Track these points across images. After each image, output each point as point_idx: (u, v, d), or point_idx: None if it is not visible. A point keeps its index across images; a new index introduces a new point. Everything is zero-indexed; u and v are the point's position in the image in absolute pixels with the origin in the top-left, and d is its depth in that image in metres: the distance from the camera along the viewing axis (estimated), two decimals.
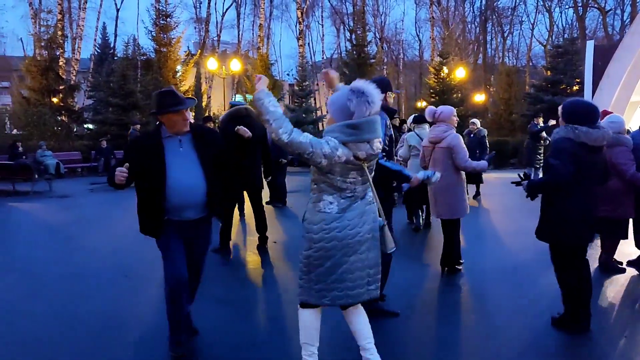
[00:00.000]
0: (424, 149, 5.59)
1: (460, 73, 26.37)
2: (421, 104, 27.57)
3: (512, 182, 4.18)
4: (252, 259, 6.36)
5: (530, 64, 41.73)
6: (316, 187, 2.95)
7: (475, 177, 10.88)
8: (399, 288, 4.85)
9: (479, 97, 29.24)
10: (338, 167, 2.81)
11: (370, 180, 2.97)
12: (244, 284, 5.37)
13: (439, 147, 5.26)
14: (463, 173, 5.32)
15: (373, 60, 28.08)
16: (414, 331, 3.98)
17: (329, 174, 2.84)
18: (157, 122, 3.47)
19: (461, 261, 5.62)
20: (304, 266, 2.98)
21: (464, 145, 5.23)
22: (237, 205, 8.43)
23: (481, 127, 11.43)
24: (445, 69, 25.89)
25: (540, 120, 13.00)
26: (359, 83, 2.82)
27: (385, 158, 3.83)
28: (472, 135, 11.29)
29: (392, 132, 4.12)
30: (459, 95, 26.10)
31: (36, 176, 13.44)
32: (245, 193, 7.67)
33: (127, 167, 3.16)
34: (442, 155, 5.22)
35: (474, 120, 11.73)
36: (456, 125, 5.40)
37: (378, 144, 2.90)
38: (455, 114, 5.43)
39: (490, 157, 5.83)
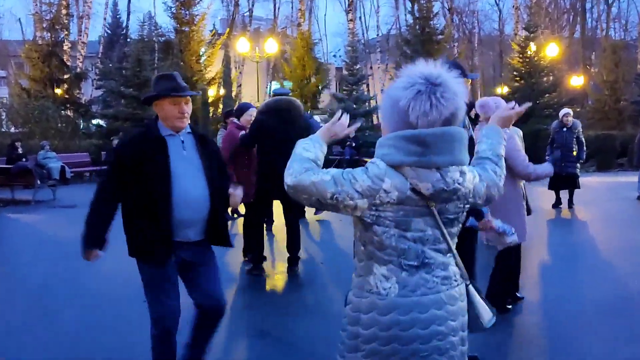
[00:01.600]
0: None
1: (552, 50, 25.82)
2: (502, 89, 27.15)
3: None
4: (289, 281, 6.43)
5: None
6: (362, 250, 2.21)
7: (568, 182, 10.65)
8: None
9: (577, 81, 28.57)
10: (389, 211, 2.08)
11: (450, 239, 2.18)
12: (281, 312, 5.45)
13: None
14: (522, 185, 5.11)
15: (441, 37, 27.87)
16: None
17: (376, 225, 2.10)
18: (155, 117, 3.45)
19: (519, 295, 5.43)
20: None
21: (521, 147, 5.02)
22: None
23: (575, 119, 11.16)
24: (532, 46, 25.39)
25: None
26: (428, 68, 2.11)
27: None
28: (565, 129, 11.04)
29: (472, 133, 3.89)
30: (551, 78, 25.55)
31: (38, 182, 13.98)
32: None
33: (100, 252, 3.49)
34: None
35: (567, 110, 11.46)
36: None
37: (457, 175, 2.12)
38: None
39: (555, 157, 5.56)
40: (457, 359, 2.18)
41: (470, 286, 2.27)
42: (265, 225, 7.43)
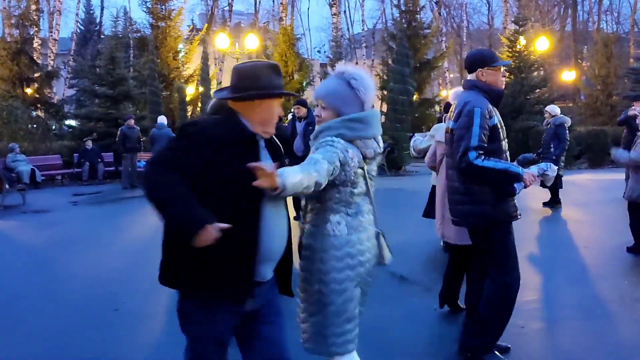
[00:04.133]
0: (436, 145, 5.48)
1: (542, 44, 26.02)
2: None
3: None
4: None
5: (636, 29, 40.86)
6: (319, 206, 3.05)
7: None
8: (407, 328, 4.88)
9: (568, 75, 28.82)
10: (351, 174, 2.96)
11: (371, 189, 3.13)
12: None
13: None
14: None
15: (428, 31, 28.06)
16: None
17: (342, 186, 2.98)
18: (229, 113, 2.77)
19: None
20: (310, 305, 3.08)
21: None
22: None
23: (561, 115, 11.24)
24: (522, 40, 25.57)
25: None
26: (351, 67, 3.15)
27: (483, 156, 3.75)
28: (548, 125, 11.18)
29: (498, 121, 3.94)
30: (541, 72, 25.75)
31: (7, 186, 13.88)
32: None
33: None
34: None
35: (550, 107, 11.57)
36: None
37: (381, 142, 3.16)
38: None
39: (525, 158, 5.65)
40: (371, 276, 3.16)
41: (381, 233, 3.19)
42: None
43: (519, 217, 3.98)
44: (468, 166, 3.71)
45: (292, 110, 10.50)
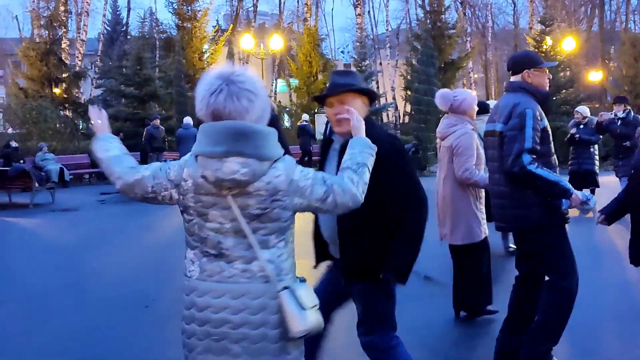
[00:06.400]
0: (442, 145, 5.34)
1: (568, 44, 25.76)
2: None
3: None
4: None
5: None
6: (185, 237, 2.50)
7: (588, 180, 10.67)
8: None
9: (595, 76, 28.47)
10: (191, 200, 2.34)
11: (249, 232, 2.32)
12: None
13: (444, 146, 5.12)
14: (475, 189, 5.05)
15: (453, 31, 27.90)
16: None
17: (185, 213, 2.40)
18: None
19: (491, 308, 5.23)
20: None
21: (473, 148, 4.92)
22: None
23: (592, 116, 11.14)
24: (548, 40, 25.32)
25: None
26: (224, 68, 2.41)
27: (536, 163, 3.63)
28: (580, 126, 11.03)
29: (546, 124, 3.88)
30: (568, 73, 25.49)
31: (36, 185, 14.07)
32: None
33: None
34: (446, 156, 5.06)
35: (582, 108, 11.45)
36: (474, 119, 5.16)
37: (235, 166, 2.24)
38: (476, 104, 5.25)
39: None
40: (261, 352, 2.32)
41: (285, 292, 2.31)
42: None
43: (568, 221, 3.86)
44: (521, 170, 3.58)
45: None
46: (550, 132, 3.87)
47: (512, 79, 3.99)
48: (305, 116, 21.74)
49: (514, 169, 3.61)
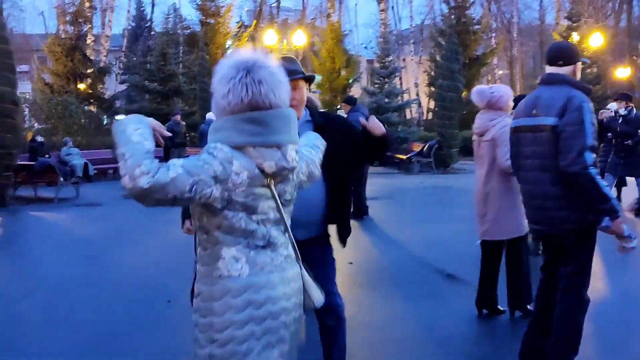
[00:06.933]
0: (474, 144, 5.37)
1: (596, 40, 25.41)
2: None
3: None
4: None
5: None
6: (206, 237, 2.28)
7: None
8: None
9: (623, 72, 28.05)
10: (240, 195, 2.18)
11: (286, 214, 2.35)
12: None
13: (484, 141, 5.06)
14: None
15: (478, 27, 27.72)
16: None
17: (227, 210, 2.19)
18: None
19: (530, 307, 5.05)
20: None
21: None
22: None
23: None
24: (575, 36, 25.06)
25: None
26: (247, 54, 2.26)
27: (596, 169, 3.48)
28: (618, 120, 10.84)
29: (596, 121, 3.67)
30: (595, 69, 25.18)
31: (61, 179, 14.22)
32: None
33: None
34: (488, 151, 5.00)
35: (613, 105, 11.25)
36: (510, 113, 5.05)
37: (294, 154, 2.29)
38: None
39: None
40: (296, 334, 2.39)
41: (304, 268, 2.43)
42: None
43: None
44: (583, 169, 3.39)
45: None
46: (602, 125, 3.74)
47: (553, 70, 3.77)
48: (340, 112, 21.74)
49: (574, 167, 3.41)
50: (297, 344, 2.41)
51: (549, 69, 3.80)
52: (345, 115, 10.07)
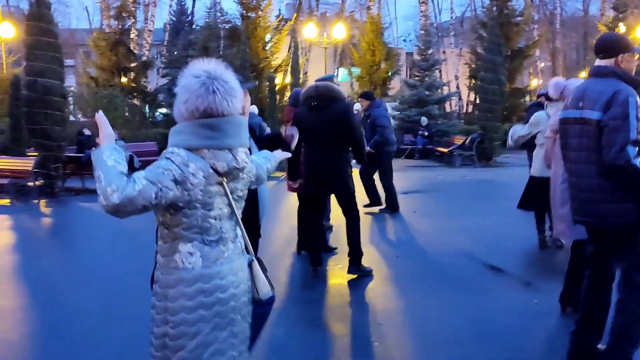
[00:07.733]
0: (547, 141, 5.22)
1: None
2: (586, 73, 26.32)
3: None
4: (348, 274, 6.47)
5: None
6: (167, 233, 2.57)
7: None
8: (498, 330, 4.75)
9: None
10: (198, 193, 2.46)
11: (237, 210, 2.65)
12: (341, 305, 5.53)
13: None
14: None
15: (520, 19, 27.22)
16: None
17: (187, 208, 2.47)
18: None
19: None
20: (155, 350, 2.71)
21: None
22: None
23: None
24: (621, 27, 24.51)
25: None
26: (208, 64, 2.55)
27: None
28: None
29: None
30: None
31: None
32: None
33: None
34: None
35: None
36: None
37: (243, 155, 2.61)
38: None
39: None
40: (247, 316, 2.68)
41: (254, 261, 2.74)
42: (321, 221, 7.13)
43: None
44: (627, 162, 3.39)
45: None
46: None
47: (602, 62, 3.76)
48: (357, 105, 21.70)
49: (619, 161, 3.41)
50: (253, 292, 2.69)
51: (598, 62, 3.79)
52: (363, 110, 10.10)
